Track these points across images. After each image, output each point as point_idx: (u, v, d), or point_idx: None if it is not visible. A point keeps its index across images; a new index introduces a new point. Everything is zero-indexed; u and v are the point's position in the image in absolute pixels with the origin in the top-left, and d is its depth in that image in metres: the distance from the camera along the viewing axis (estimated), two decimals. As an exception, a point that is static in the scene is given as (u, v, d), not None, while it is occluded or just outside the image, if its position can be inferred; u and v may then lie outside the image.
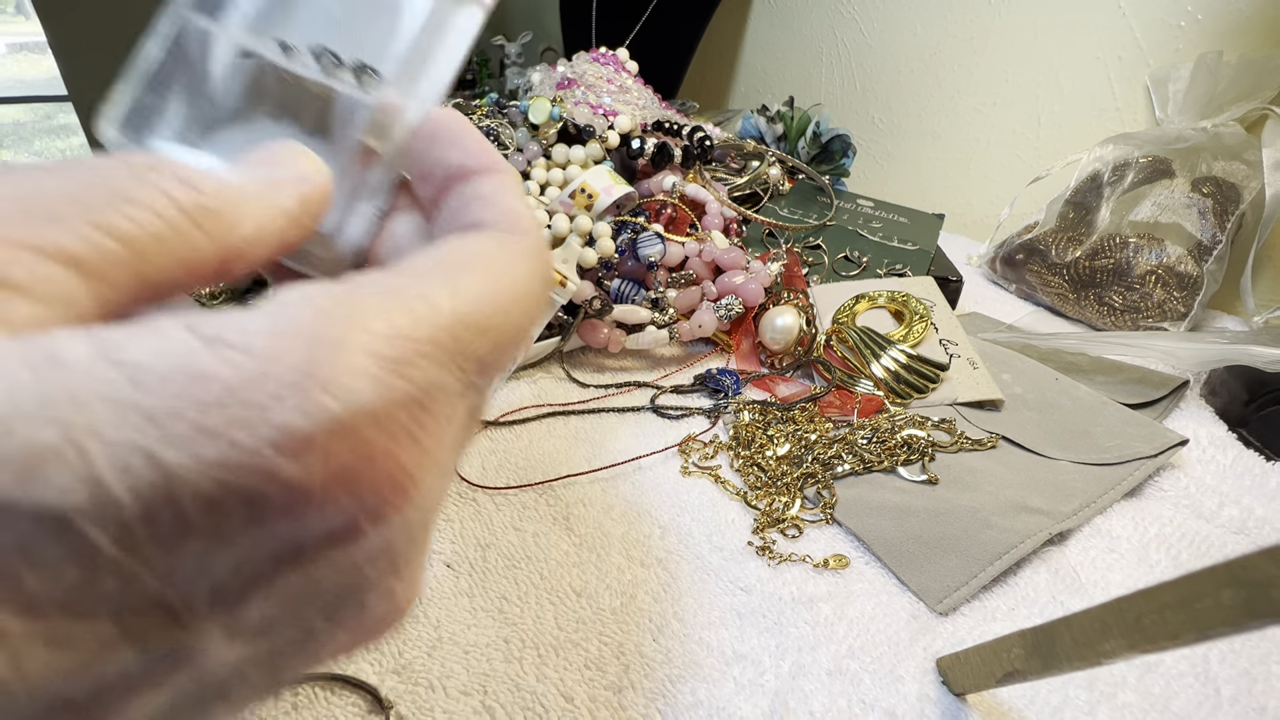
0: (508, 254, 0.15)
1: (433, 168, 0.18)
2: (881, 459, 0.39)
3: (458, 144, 0.18)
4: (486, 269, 0.14)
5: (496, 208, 0.16)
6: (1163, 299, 0.58)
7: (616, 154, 0.59)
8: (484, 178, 0.17)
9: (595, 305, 0.48)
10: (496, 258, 0.14)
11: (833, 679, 0.28)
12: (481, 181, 0.17)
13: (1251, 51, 0.62)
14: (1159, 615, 0.18)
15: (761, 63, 1.14)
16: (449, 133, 0.18)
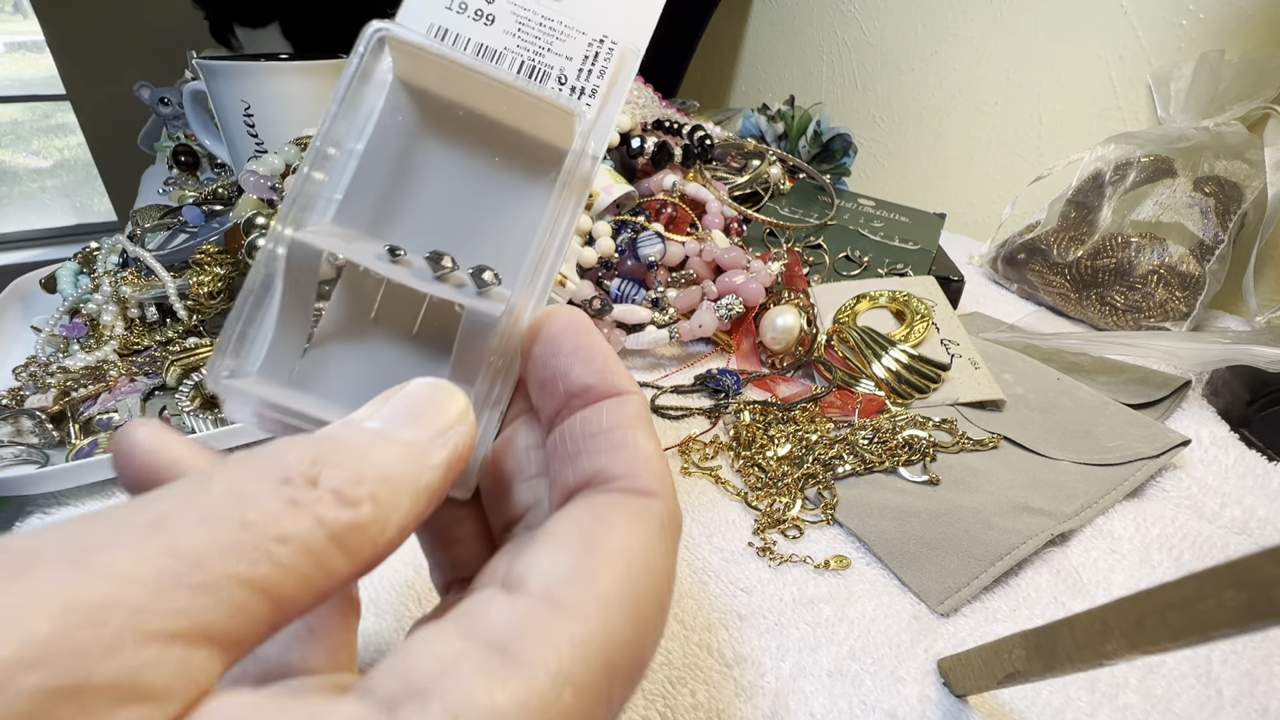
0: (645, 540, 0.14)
1: (552, 379, 0.17)
2: (883, 459, 0.39)
3: (581, 356, 0.17)
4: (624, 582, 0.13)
5: (627, 456, 0.15)
6: (1165, 299, 0.58)
7: (616, 153, 0.59)
8: (611, 407, 0.16)
9: (595, 305, 0.48)
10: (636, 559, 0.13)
11: (833, 680, 0.28)
12: (608, 412, 0.16)
13: (1254, 50, 0.62)
14: (1161, 616, 0.18)
15: (762, 61, 1.14)
16: (572, 343, 0.17)
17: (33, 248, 2.15)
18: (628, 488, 0.15)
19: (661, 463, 0.16)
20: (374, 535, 0.12)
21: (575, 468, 0.16)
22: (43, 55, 1.79)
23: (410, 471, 0.13)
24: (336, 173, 0.18)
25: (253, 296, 0.17)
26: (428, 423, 0.14)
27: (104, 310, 0.45)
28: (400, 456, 0.13)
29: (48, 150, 2.55)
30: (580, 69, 0.19)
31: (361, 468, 0.12)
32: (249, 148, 0.59)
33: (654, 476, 0.15)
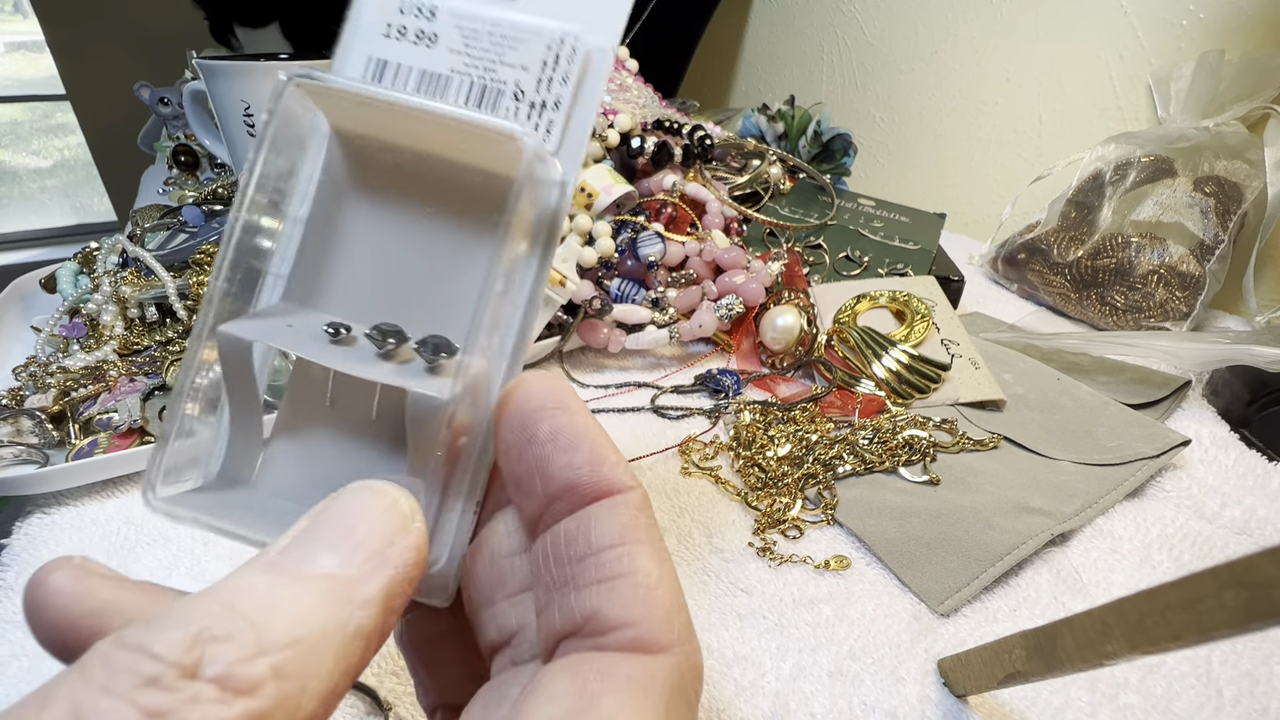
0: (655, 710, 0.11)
1: (528, 475, 0.14)
2: (883, 459, 0.39)
3: (561, 444, 0.13)
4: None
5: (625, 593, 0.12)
6: (1165, 299, 0.58)
7: (616, 153, 0.59)
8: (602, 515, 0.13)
9: (595, 305, 0.48)
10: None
11: (834, 680, 0.28)
12: (599, 524, 0.13)
13: (1254, 50, 0.62)
14: (1161, 616, 0.18)
15: (762, 61, 1.14)
16: (549, 426, 0.13)
17: (33, 248, 2.15)
18: (629, 642, 0.12)
19: (672, 593, 0.12)
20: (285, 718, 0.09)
21: (562, 606, 0.13)
22: (43, 55, 1.79)
23: (333, 618, 0.10)
24: (282, 244, 0.16)
25: (183, 399, 0.15)
26: (360, 543, 0.11)
27: (104, 310, 0.45)
28: (319, 601, 0.10)
29: (48, 150, 2.55)
30: (539, 79, 0.16)
31: (263, 632, 0.10)
32: (249, 148, 0.59)
33: (662, 619, 0.12)
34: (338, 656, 0.10)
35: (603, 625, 0.12)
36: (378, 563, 0.11)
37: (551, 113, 0.16)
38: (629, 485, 0.13)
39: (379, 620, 0.11)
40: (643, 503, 0.13)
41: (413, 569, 0.12)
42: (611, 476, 0.13)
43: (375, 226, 0.17)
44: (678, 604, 0.12)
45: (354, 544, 0.11)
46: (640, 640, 0.12)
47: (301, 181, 0.16)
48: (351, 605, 0.11)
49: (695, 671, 0.12)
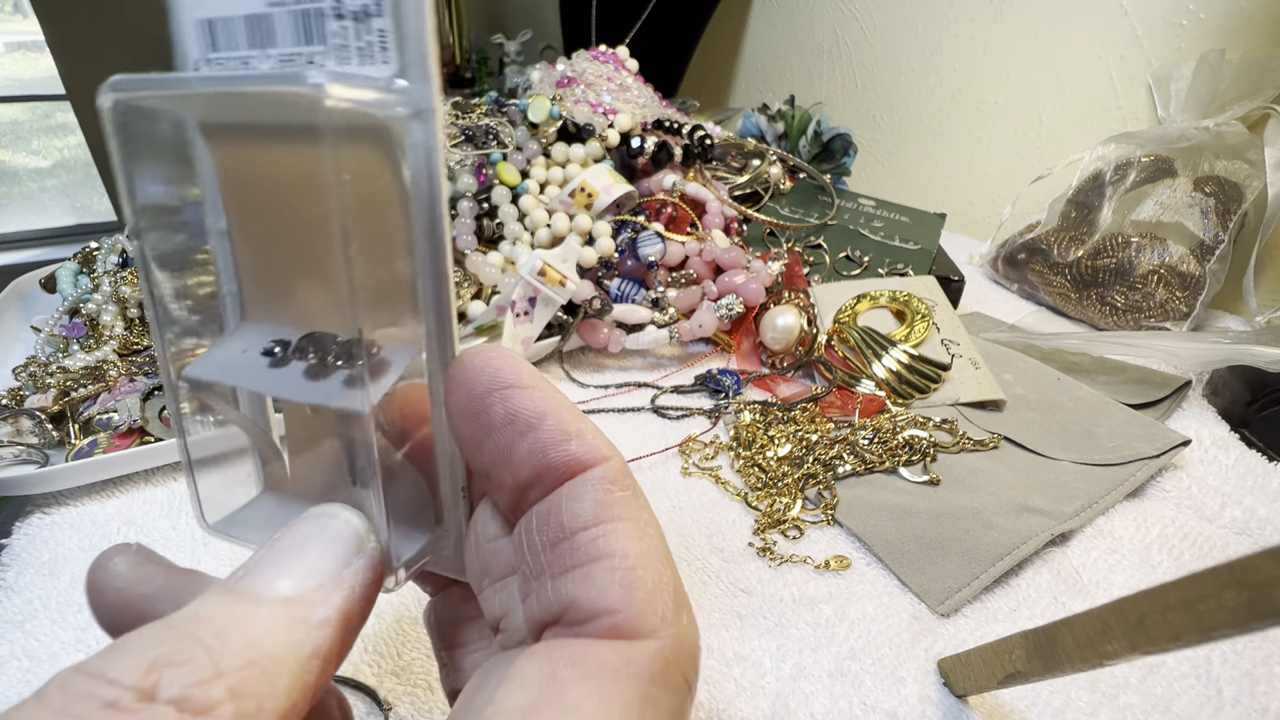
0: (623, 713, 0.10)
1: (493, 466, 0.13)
2: (883, 459, 0.39)
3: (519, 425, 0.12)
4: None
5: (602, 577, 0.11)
6: (1165, 299, 0.58)
7: (616, 152, 0.59)
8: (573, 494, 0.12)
9: (595, 305, 0.48)
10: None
11: (834, 680, 0.28)
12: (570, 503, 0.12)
13: (1254, 50, 0.62)
14: (1161, 616, 0.18)
15: (762, 61, 1.14)
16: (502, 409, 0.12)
17: (33, 248, 2.15)
18: (607, 630, 0.11)
19: (653, 572, 0.12)
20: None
21: (540, 595, 0.12)
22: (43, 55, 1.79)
23: (288, 639, 0.11)
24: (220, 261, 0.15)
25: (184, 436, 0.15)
26: (313, 567, 0.12)
27: (104, 310, 0.45)
28: (273, 623, 0.11)
29: (48, 150, 2.55)
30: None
31: (219, 656, 0.10)
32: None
33: (642, 603, 0.11)
34: (294, 675, 0.10)
35: (581, 614, 0.11)
36: (333, 585, 0.12)
37: (377, 20, 0.13)
38: (602, 456, 0.12)
39: (336, 640, 0.11)
40: (618, 475, 0.12)
41: (368, 588, 0.12)
42: (580, 452, 0.12)
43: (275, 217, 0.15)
44: (660, 583, 0.12)
45: (307, 568, 0.12)
46: (619, 627, 0.11)
47: (206, 189, 0.15)
48: (307, 626, 0.11)
49: (686, 653, 0.12)
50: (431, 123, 0.13)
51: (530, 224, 0.53)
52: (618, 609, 0.11)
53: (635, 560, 0.12)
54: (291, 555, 0.12)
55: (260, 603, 0.11)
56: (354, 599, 0.12)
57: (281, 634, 0.11)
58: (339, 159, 0.12)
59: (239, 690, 0.10)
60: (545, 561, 0.12)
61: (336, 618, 0.11)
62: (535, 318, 0.48)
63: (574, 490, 0.12)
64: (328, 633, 0.11)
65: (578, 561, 0.12)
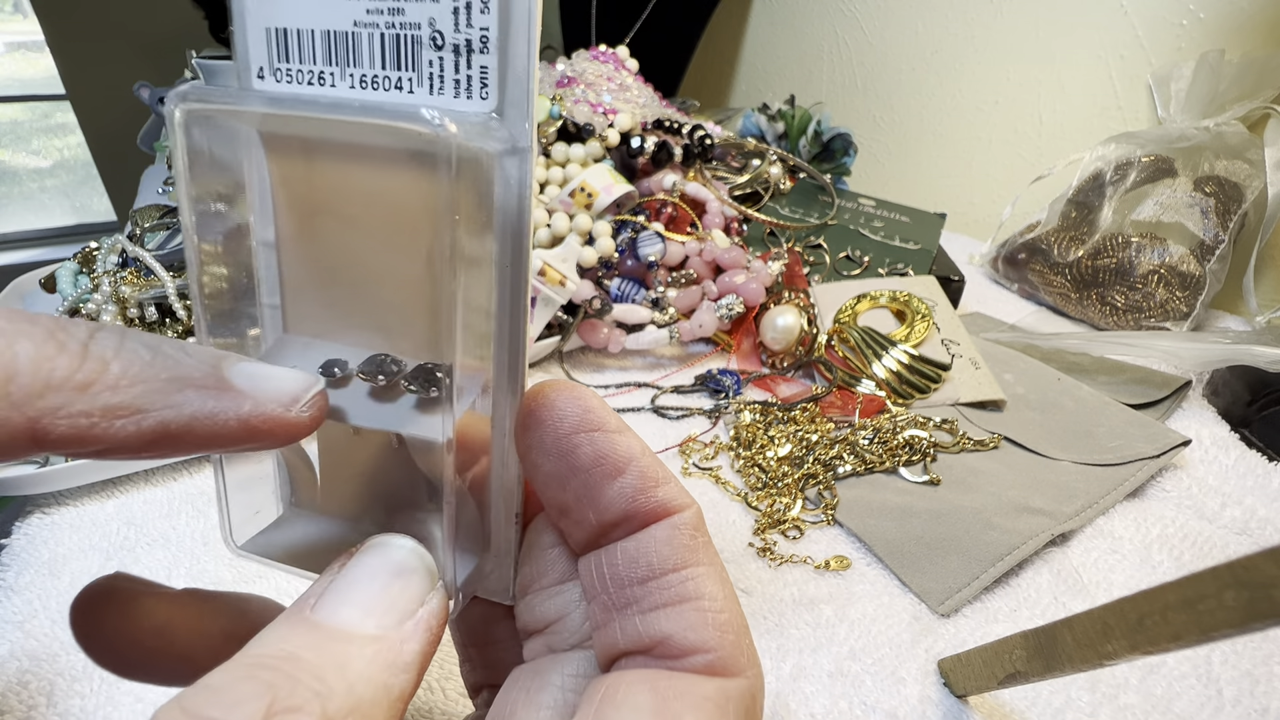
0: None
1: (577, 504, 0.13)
2: (883, 459, 0.39)
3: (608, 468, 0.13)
4: None
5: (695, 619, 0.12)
6: (1165, 299, 0.58)
7: (616, 152, 0.59)
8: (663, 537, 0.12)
9: (595, 305, 0.48)
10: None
11: (834, 681, 0.28)
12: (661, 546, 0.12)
13: (1254, 50, 0.62)
14: (1161, 616, 0.18)
15: (762, 61, 1.14)
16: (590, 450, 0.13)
17: (32, 248, 2.15)
18: (704, 667, 0.12)
19: (737, 615, 0.12)
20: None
21: (627, 625, 0.12)
22: (43, 55, 1.79)
23: (382, 683, 0.10)
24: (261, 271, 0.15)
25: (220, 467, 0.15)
26: (394, 604, 0.11)
27: (104, 310, 0.45)
28: (368, 666, 0.10)
29: (48, 150, 2.55)
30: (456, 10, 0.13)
31: (328, 701, 0.09)
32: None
33: (734, 645, 0.12)
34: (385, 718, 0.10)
35: (675, 650, 0.12)
36: (414, 624, 0.11)
37: (480, 56, 0.13)
38: (685, 504, 0.13)
39: (415, 683, 0.11)
40: (699, 521, 0.13)
41: (440, 629, 0.12)
42: (666, 498, 0.13)
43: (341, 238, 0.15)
44: (743, 625, 0.12)
45: (388, 605, 0.11)
46: (714, 666, 0.12)
47: (254, 199, 0.15)
48: (396, 668, 0.11)
49: (762, 691, 0.13)
50: (528, 160, 0.13)
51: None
52: (713, 649, 0.12)
53: (722, 605, 0.12)
54: (365, 589, 0.11)
55: (351, 641, 0.10)
56: (432, 641, 0.11)
57: (377, 677, 0.10)
58: (455, 195, 0.12)
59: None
60: (633, 596, 0.12)
61: (419, 660, 0.11)
62: (535, 318, 0.48)
63: (662, 533, 0.13)
64: (411, 676, 0.11)
65: (669, 600, 0.12)
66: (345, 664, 0.10)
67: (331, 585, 0.11)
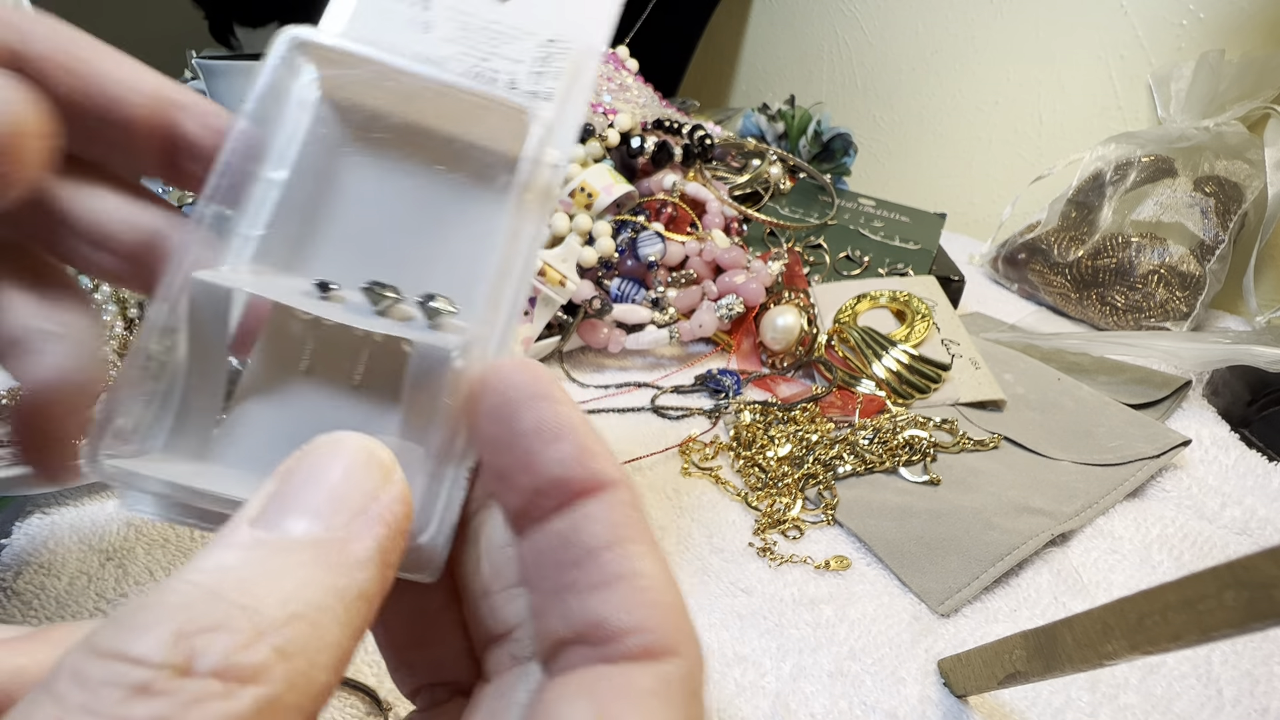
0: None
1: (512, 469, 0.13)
2: (883, 459, 0.39)
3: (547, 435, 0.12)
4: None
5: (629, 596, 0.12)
6: (1165, 299, 0.58)
7: (616, 152, 0.59)
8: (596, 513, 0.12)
9: (595, 305, 0.48)
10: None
11: (834, 680, 0.28)
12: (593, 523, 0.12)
13: (1253, 50, 0.62)
14: (1161, 616, 0.18)
15: (762, 61, 1.14)
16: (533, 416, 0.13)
17: (33, 248, 2.14)
18: (639, 650, 0.11)
19: (672, 593, 0.12)
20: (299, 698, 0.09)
21: (563, 611, 0.12)
22: (43, 55, 1.79)
23: (330, 586, 0.10)
24: (254, 205, 0.15)
25: (143, 356, 0.14)
26: (341, 501, 0.11)
27: (104, 310, 0.45)
28: (311, 572, 0.10)
29: (48, 150, 2.54)
30: (532, 72, 0.16)
31: (256, 614, 0.09)
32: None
33: (669, 621, 0.12)
34: (343, 624, 0.10)
35: (609, 633, 0.11)
36: (365, 520, 0.10)
37: (544, 103, 0.16)
38: (619, 477, 0.13)
39: (378, 579, 0.10)
40: (633, 498, 0.13)
41: (402, 522, 0.11)
42: (601, 470, 0.12)
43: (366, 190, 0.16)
44: (678, 602, 0.12)
45: (335, 503, 0.10)
46: (650, 647, 0.11)
47: (277, 145, 0.16)
48: (347, 568, 0.10)
49: (702, 667, 0.12)
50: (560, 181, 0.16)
51: (530, 224, 0.53)
52: (647, 628, 0.11)
53: (658, 582, 0.12)
54: (312, 489, 0.11)
55: (287, 549, 0.10)
56: (391, 535, 0.11)
57: (321, 580, 0.10)
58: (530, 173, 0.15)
59: (285, 649, 0.09)
60: (567, 578, 0.12)
61: (376, 555, 0.10)
62: (535, 318, 0.48)
63: (595, 509, 0.12)
64: (369, 573, 0.10)
65: (603, 579, 0.12)
66: (281, 573, 0.09)
67: (271, 490, 0.11)
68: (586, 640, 0.12)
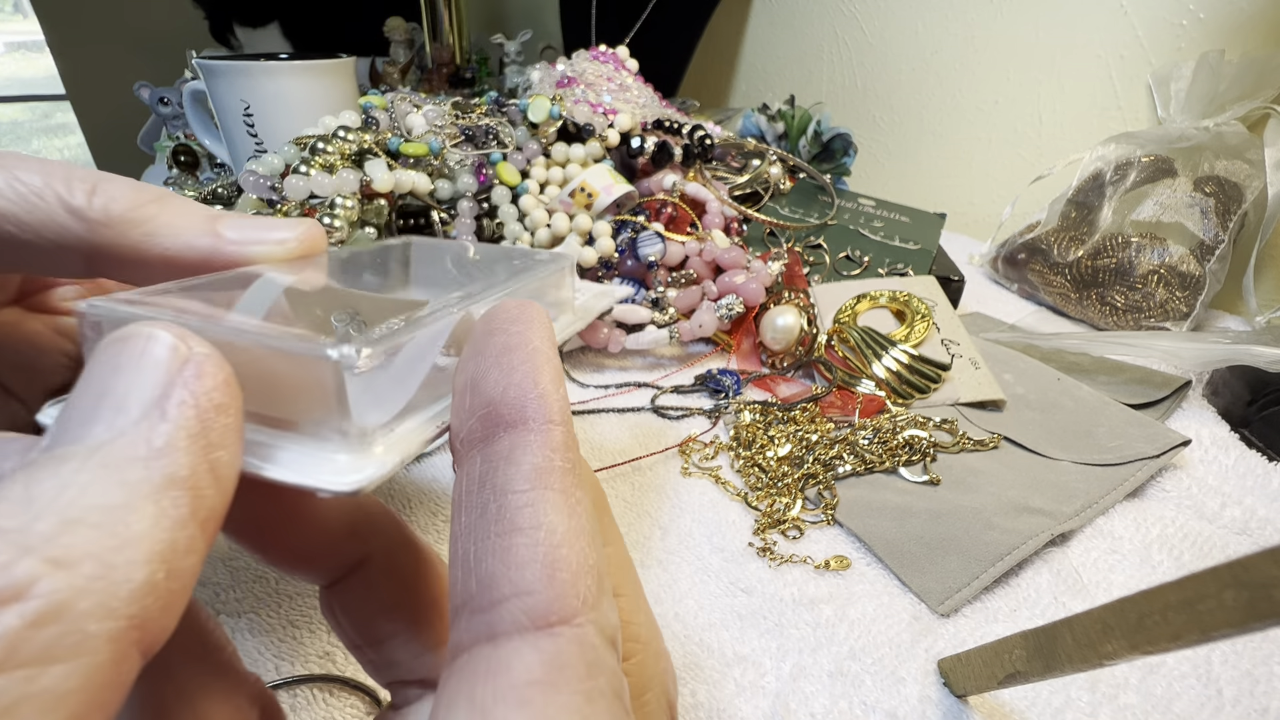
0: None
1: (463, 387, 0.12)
2: (883, 459, 0.39)
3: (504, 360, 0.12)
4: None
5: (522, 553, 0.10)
6: (1165, 299, 0.58)
7: (616, 152, 0.59)
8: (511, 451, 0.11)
9: (595, 305, 0.48)
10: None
11: (834, 680, 0.28)
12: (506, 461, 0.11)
13: (1254, 50, 0.62)
14: (1161, 616, 0.18)
15: (762, 61, 1.14)
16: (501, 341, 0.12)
17: (33, 248, 2.14)
18: (520, 618, 0.10)
19: (580, 552, 0.10)
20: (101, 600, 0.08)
21: (464, 566, 0.11)
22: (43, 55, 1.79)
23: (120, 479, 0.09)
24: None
25: None
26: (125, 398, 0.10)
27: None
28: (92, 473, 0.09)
29: (48, 150, 2.55)
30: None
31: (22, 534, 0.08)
32: (249, 148, 0.59)
33: (564, 584, 0.10)
34: (151, 516, 0.09)
35: (495, 594, 0.10)
36: (159, 410, 0.10)
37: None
38: (551, 418, 0.11)
39: (197, 458, 0.10)
40: (561, 443, 0.11)
41: (214, 394, 0.10)
42: (540, 403, 0.11)
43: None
44: (584, 564, 0.10)
45: (117, 402, 0.10)
46: (534, 612, 0.10)
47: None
48: (142, 458, 0.09)
49: (610, 639, 0.10)
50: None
51: (530, 224, 0.53)
52: (534, 590, 0.10)
53: (561, 537, 0.10)
54: (94, 398, 0.10)
55: (65, 460, 0.09)
56: (200, 409, 0.10)
57: (108, 478, 0.09)
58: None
59: (65, 557, 0.08)
60: (473, 526, 0.11)
61: (182, 436, 0.09)
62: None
63: (514, 449, 0.11)
64: (178, 457, 0.09)
65: (501, 530, 0.10)
66: (57, 486, 0.09)
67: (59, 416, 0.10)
68: (474, 605, 0.10)
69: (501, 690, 0.09)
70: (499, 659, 0.10)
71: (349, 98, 0.61)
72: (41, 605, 0.08)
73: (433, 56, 1.07)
